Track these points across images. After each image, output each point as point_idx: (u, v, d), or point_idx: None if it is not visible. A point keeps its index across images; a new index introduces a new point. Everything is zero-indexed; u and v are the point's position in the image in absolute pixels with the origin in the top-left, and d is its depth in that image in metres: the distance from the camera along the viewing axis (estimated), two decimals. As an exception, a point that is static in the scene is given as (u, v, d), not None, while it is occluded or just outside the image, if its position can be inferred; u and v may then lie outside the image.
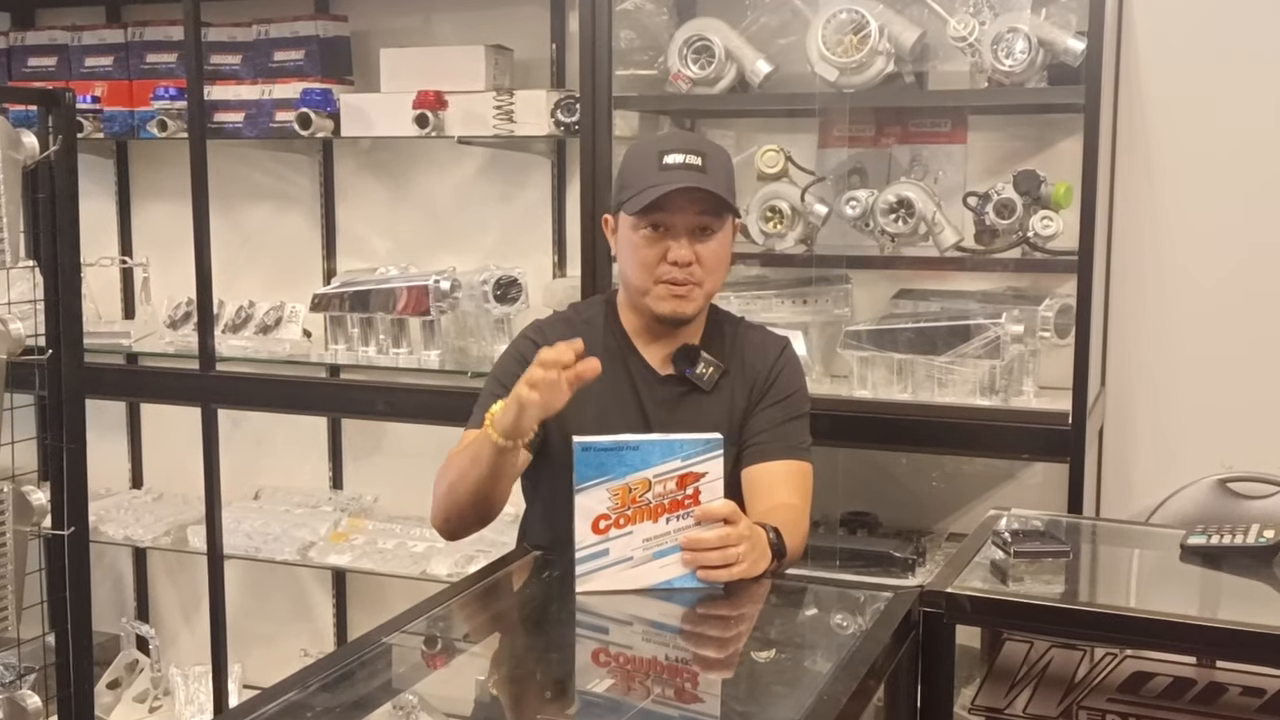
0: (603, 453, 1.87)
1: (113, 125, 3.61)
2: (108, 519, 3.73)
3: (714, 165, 2.21)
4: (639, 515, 1.88)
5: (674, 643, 1.94)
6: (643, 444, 1.88)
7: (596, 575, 1.88)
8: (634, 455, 1.87)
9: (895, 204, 2.91)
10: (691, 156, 2.18)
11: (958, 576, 1.96)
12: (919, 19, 2.90)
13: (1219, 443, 2.95)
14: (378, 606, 3.64)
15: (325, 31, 3.44)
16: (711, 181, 2.18)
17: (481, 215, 3.57)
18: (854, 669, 1.69)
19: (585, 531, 1.88)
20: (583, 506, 1.87)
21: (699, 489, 1.89)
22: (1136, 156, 3.02)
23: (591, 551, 1.88)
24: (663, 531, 1.89)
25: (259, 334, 3.52)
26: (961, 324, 2.86)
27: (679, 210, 2.18)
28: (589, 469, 1.86)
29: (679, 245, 2.19)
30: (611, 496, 1.87)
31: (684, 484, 1.88)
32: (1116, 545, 2.38)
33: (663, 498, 1.88)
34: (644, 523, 1.88)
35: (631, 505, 1.87)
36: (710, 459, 1.89)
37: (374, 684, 1.77)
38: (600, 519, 1.87)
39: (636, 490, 1.87)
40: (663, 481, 1.87)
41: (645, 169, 2.20)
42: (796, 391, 2.34)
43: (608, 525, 1.87)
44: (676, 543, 1.89)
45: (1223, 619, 1.89)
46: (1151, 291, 3.05)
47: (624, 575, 1.89)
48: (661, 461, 1.87)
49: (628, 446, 1.88)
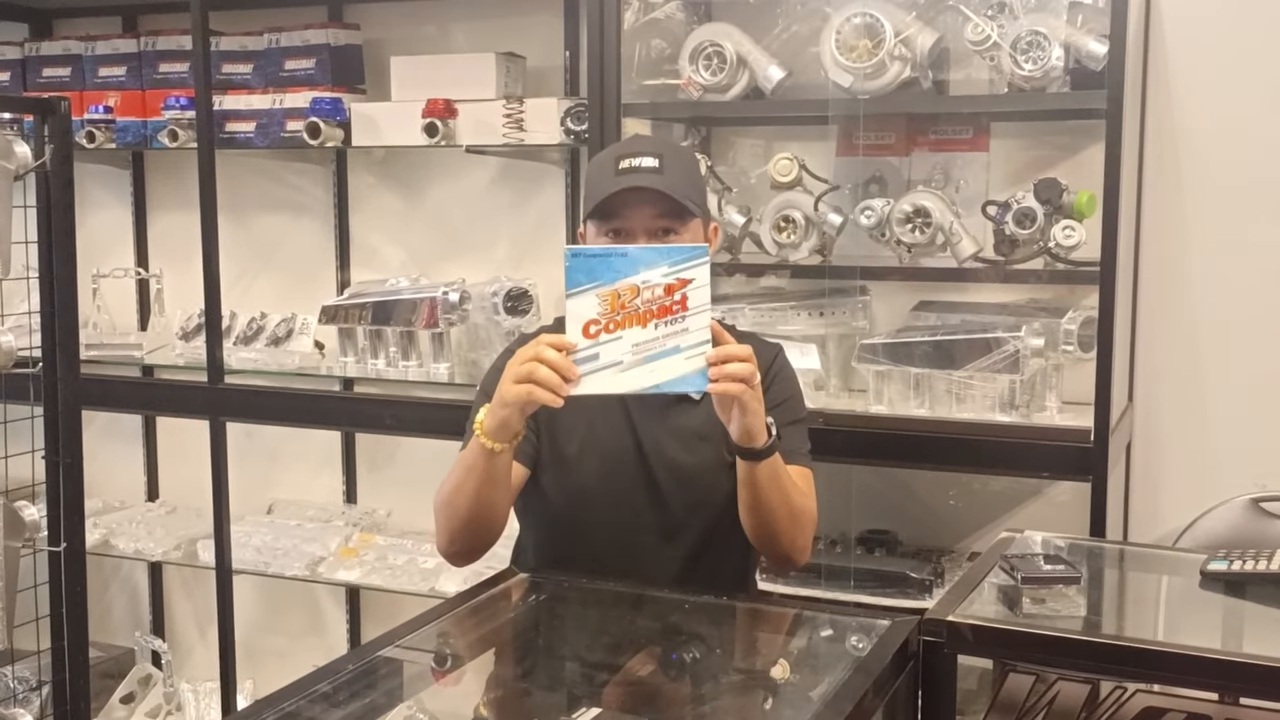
0: (592, 259, 1.89)
1: (125, 135, 3.59)
2: (120, 532, 3.71)
3: (672, 166, 2.15)
4: (628, 320, 1.88)
5: (669, 668, 1.87)
6: (631, 250, 1.91)
7: (589, 379, 1.88)
8: (623, 261, 1.88)
9: (911, 213, 2.82)
10: (647, 159, 2.14)
11: (962, 603, 1.87)
12: (938, 23, 2.82)
13: (1252, 460, 2.84)
14: (391, 623, 3.54)
15: (336, 40, 3.40)
16: (666, 183, 2.12)
17: (495, 225, 3.51)
18: (845, 699, 1.62)
19: (576, 335, 1.88)
20: (573, 311, 1.88)
21: (686, 295, 1.88)
22: (1165, 164, 2.92)
23: (583, 356, 1.88)
24: (651, 337, 1.88)
25: (270, 346, 3.48)
26: (980, 337, 2.77)
27: (636, 214, 2.14)
28: (579, 274, 1.88)
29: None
30: (601, 302, 1.88)
31: (671, 291, 1.88)
32: (1133, 571, 2.28)
33: (651, 304, 1.88)
34: (633, 328, 1.88)
35: (620, 311, 1.88)
36: (697, 265, 1.89)
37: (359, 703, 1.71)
38: (590, 324, 1.88)
39: (625, 296, 1.87)
40: (651, 288, 1.88)
41: (602, 177, 2.17)
42: (791, 397, 2.28)
43: (597, 330, 1.88)
44: (665, 347, 1.89)
45: (1243, 652, 1.79)
46: (1181, 303, 2.95)
47: (615, 379, 1.89)
48: (649, 267, 1.88)
49: (616, 253, 1.90)
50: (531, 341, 1.93)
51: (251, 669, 3.69)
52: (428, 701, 1.89)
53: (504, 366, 2.19)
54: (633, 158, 2.15)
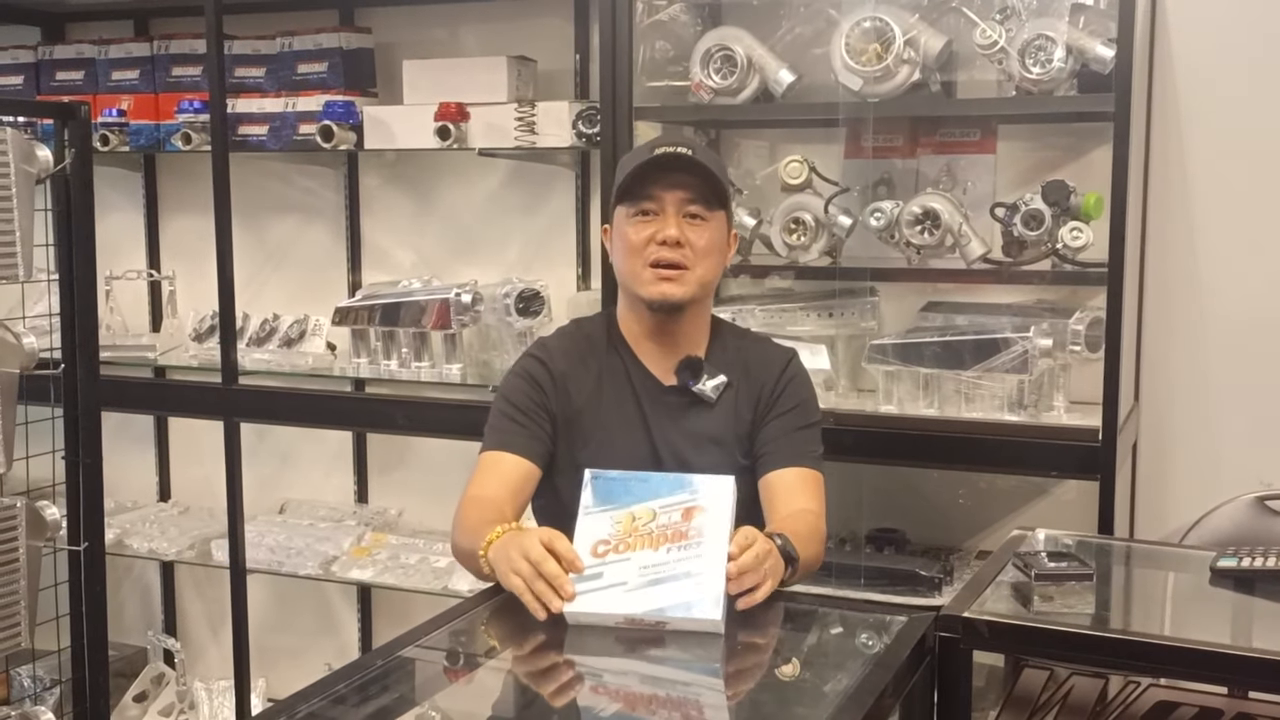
0: (612, 481, 1.86)
1: (139, 138, 3.61)
2: (133, 532, 3.73)
3: (704, 159, 2.24)
4: (639, 542, 1.85)
5: (685, 665, 1.89)
6: (653, 477, 1.87)
7: (586, 597, 1.83)
8: (643, 487, 1.86)
9: (921, 215, 2.85)
10: (682, 149, 2.23)
11: (976, 599, 1.90)
12: (947, 27, 2.85)
13: (1257, 459, 2.87)
14: (403, 621, 3.58)
15: (348, 44, 3.43)
16: (701, 168, 2.21)
17: (505, 227, 3.54)
18: (864, 695, 1.65)
19: (584, 554, 1.84)
20: (584, 529, 1.85)
21: (704, 523, 1.85)
22: (1171, 166, 2.95)
23: (587, 573, 1.84)
24: (662, 560, 1.84)
25: (283, 347, 3.51)
26: (989, 338, 2.80)
27: (668, 194, 2.20)
28: (597, 497, 1.86)
29: (668, 224, 2.20)
30: (614, 524, 1.84)
31: (689, 516, 1.85)
32: (1144, 568, 2.32)
33: (665, 528, 1.85)
34: (643, 550, 1.84)
35: (633, 533, 1.84)
36: (719, 496, 1.86)
37: (376, 703, 1.74)
38: (600, 544, 1.85)
39: (641, 519, 1.84)
40: (668, 512, 1.85)
41: (635, 159, 2.26)
42: (805, 401, 2.32)
43: (606, 550, 1.85)
44: (674, 572, 1.84)
45: (1253, 647, 1.82)
46: (1187, 304, 2.97)
47: (617, 599, 1.82)
48: (670, 495, 1.86)
49: (637, 479, 1.87)
50: (537, 538, 1.87)
51: (264, 668, 3.71)
52: (448, 699, 1.92)
53: (524, 372, 2.25)
54: (669, 146, 2.23)
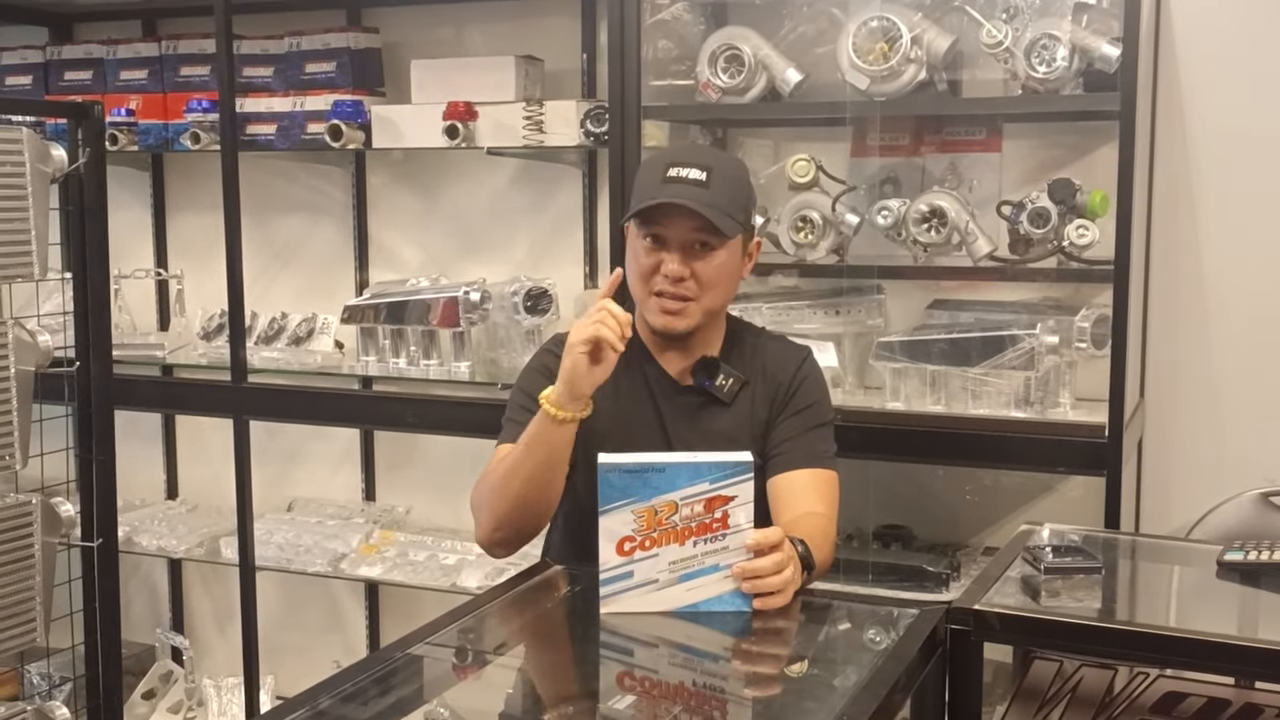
0: (627, 474, 1.83)
1: (147, 138, 3.63)
2: (142, 530, 3.74)
3: (719, 181, 2.17)
4: (665, 538, 1.84)
5: (697, 659, 1.91)
6: (669, 466, 1.84)
7: (620, 597, 1.85)
8: (659, 477, 1.83)
9: (928, 213, 2.87)
10: (696, 171, 2.15)
11: (986, 593, 1.92)
12: (952, 26, 2.87)
13: (1262, 456, 2.88)
14: (411, 618, 3.61)
15: (356, 43, 3.44)
16: (710, 197, 2.14)
17: (513, 226, 3.56)
18: (877, 688, 1.66)
19: (610, 553, 1.84)
20: (607, 528, 1.84)
21: (727, 513, 1.85)
22: (1175, 164, 2.97)
23: (616, 574, 1.85)
24: (690, 554, 1.85)
25: (291, 345, 3.53)
26: (995, 335, 2.82)
27: (675, 225, 2.17)
28: (613, 490, 1.83)
29: (672, 260, 2.17)
30: (636, 519, 1.83)
31: (712, 507, 1.84)
32: (1151, 561, 2.33)
33: (690, 520, 1.84)
34: (670, 545, 1.84)
35: (657, 528, 1.83)
36: (739, 482, 1.85)
37: (389, 699, 1.75)
38: (625, 540, 1.84)
39: (663, 513, 1.83)
40: (690, 504, 1.83)
41: (651, 179, 2.20)
42: (819, 401, 2.32)
43: (632, 547, 1.84)
44: (704, 565, 1.86)
45: (1260, 638, 1.84)
46: (1192, 301, 2.99)
47: (649, 598, 1.85)
48: (689, 484, 1.83)
49: (653, 468, 1.84)
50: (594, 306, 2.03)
51: (273, 664, 3.73)
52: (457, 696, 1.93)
53: (541, 366, 2.26)
54: (681, 167, 2.17)
